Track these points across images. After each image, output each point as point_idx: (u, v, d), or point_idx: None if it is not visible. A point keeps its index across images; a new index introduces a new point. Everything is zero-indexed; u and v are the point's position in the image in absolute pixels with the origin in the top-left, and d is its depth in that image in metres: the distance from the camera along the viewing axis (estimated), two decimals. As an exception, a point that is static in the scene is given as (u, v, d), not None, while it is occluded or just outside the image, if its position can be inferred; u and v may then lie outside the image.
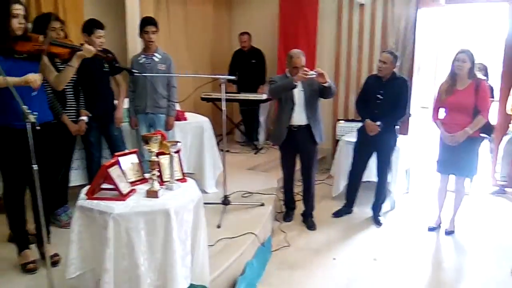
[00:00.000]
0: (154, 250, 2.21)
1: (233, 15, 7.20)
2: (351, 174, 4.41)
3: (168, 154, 2.50)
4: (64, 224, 3.45)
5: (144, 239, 2.17)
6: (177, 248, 2.21)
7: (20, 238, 2.87)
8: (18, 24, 2.54)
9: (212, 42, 6.82)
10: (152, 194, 2.31)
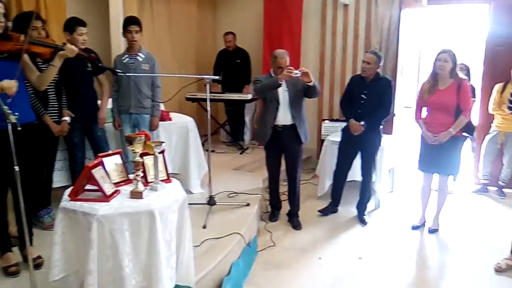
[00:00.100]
0: (139, 251, 2.19)
1: (217, 15, 7.18)
2: (336, 174, 4.43)
3: (152, 154, 2.48)
4: (47, 226, 3.40)
5: (128, 240, 2.15)
6: (162, 249, 2.20)
7: (1, 241, 2.82)
8: (-2, 23, 2.49)
9: (197, 42, 6.79)
10: (136, 195, 2.29)
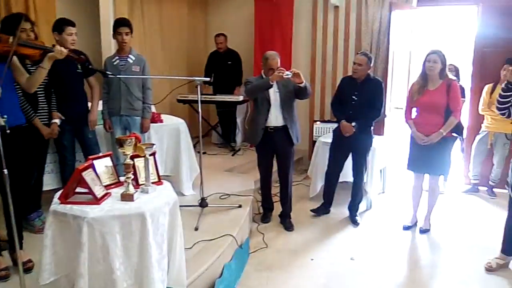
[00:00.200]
0: (130, 254, 2.18)
1: (208, 17, 7.17)
2: (327, 175, 4.44)
3: (143, 156, 2.47)
4: (37, 229, 3.36)
5: (119, 243, 2.14)
6: (153, 251, 2.18)
7: (-9, 245, 2.79)
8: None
9: (188, 43, 6.77)
10: (127, 197, 2.27)
